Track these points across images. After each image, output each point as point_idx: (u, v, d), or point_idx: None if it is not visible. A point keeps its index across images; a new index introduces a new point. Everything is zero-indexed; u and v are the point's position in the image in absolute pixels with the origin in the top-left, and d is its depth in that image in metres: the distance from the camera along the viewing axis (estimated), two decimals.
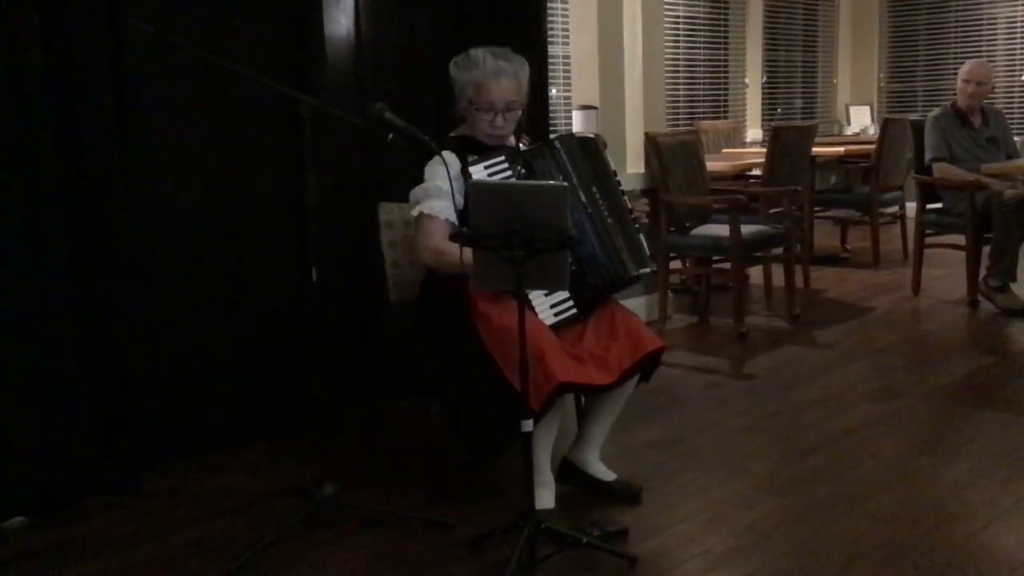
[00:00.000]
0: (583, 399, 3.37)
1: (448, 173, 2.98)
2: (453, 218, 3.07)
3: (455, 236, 2.72)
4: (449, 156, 3.07)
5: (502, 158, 3.08)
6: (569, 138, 3.24)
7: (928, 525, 2.94)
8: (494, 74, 3.10)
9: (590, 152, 3.22)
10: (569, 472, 3.24)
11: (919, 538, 2.86)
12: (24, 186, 3.10)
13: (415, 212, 3.12)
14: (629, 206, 3.24)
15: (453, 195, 3.00)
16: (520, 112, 3.19)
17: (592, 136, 3.39)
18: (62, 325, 3.20)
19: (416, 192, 3.14)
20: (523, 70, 3.18)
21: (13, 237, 3.10)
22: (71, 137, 3.21)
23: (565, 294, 3.07)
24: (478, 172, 3.02)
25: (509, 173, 3.07)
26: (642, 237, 3.22)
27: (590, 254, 3.07)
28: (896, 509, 3.06)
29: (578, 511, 3.10)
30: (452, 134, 3.25)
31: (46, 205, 3.14)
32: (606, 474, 3.22)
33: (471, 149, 3.15)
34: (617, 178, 3.27)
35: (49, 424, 3.19)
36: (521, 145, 3.25)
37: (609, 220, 3.13)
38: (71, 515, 3.19)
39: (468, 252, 2.83)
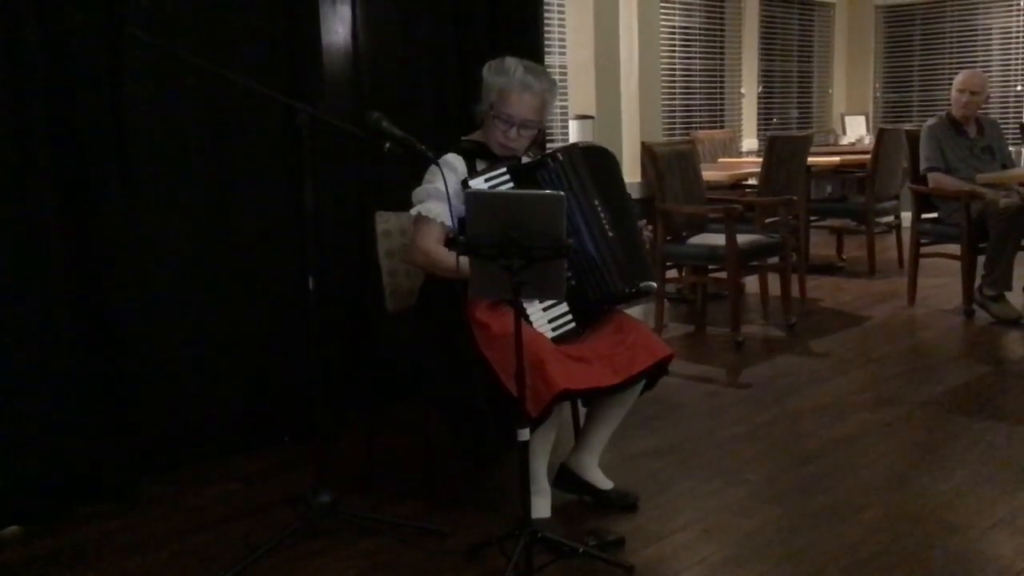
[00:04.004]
0: (581, 407, 3.37)
1: (452, 177, 2.99)
2: (449, 222, 3.07)
3: (452, 243, 2.72)
4: (456, 159, 3.07)
5: (503, 170, 3.08)
6: (572, 149, 3.20)
7: (925, 534, 2.94)
8: (520, 87, 3.09)
9: (594, 163, 3.18)
10: (567, 478, 3.24)
11: (916, 547, 2.86)
12: (23, 190, 3.10)
13: (412, 212, 3.13)
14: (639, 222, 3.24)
15: (452, 200, 3.01)
16: (536, 132, 3.19)
17: (600, 147, 3.36)
18: (59, 334, 3.20)
19: (418, 192, 3.15)
20: (550, 91, 3.17)
21: (12, 243, 3.10)
22: (70, 143, 3.21)
23: (564, 308, 3.07)
24: (478, 185, 3.02)
25: (511, 185, 3.06)
26: (646, 252, 3.22)
27: (588, 267, 3.05)
28: (893, 517, 3.07)
29: (575, 520, 3.10)
30: (465, 137, 3.25)
31: (45, 210, 3.14)
32: (604, 482, 3.22)
33: (481, 155, 3.16)
34: (626, 190, 3.26)
35: (45, 432, 3.18)
36: (525, 157, 3.25)
37: (611, 233, 3.09)
38: (67, 523, 3.19)
39: (458, 259, 2.85)
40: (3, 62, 3.04)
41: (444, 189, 3.03)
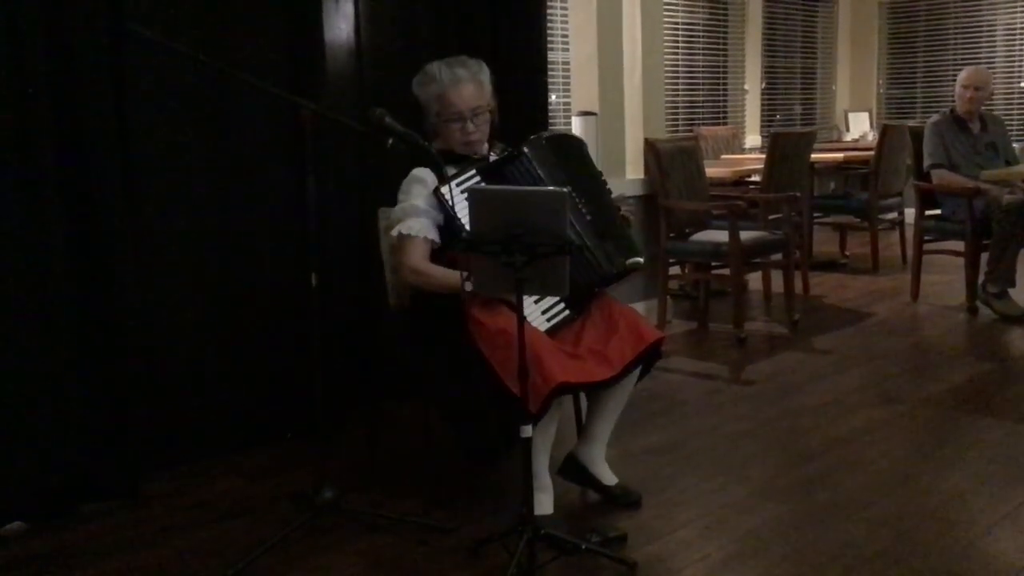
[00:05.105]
0: (584, 400, 3.37)
1: (424, 190, 3.01)
2: (432, 235, 3.08)
3: (447, 247, 2.72)
4: (424, 172, 3.09)
5: (472, 172, 3.08)
6: (537, 140, 3.19)
7: (928, 531, 2.94)
8: (453, 83, 3.13)
9: (563, 151, 3.19)
10: (572, 468, 3.24)
11: (919, 544, 2.86)
12: (25, 190, 3.10)
13: (394, 233, 3.13)
14: (618, 205, 3.25)
15: (430, 212, 3.03)
16: (489, 115, 3.21)
17: (567, 133, 3.37)
18: (61, 330, 3.20)
19: (395, 212, 3.16)
20: (482, 73, 3.21)
21: (13, 241, 3.10)
22: (72, 141, 3.21)
23: (555, 297, 3.08)
24: (451, 191, 3.00)
25: (483, 187, 3.06)
26: (630, 230, 3.22)
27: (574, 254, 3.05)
28: (895, 515, 3.06)
29: (577, 516, 3.10)
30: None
31: (46, 209, 3.14)
32: (608, 477, 3.22)
33: (448, 161, 3.16)
34: (599, 173, 3.27)
35: (48, 429, 3.18)
36: (492, 154, 3.25)
37: (588, 217, 3.11)
38: (70, 520, 3.19)
39: (447, 273, 2.91)
40: (4, 61, 3.04)
41: (419, 203, 3.05)
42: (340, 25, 4.01)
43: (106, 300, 3.33)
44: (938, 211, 6.05)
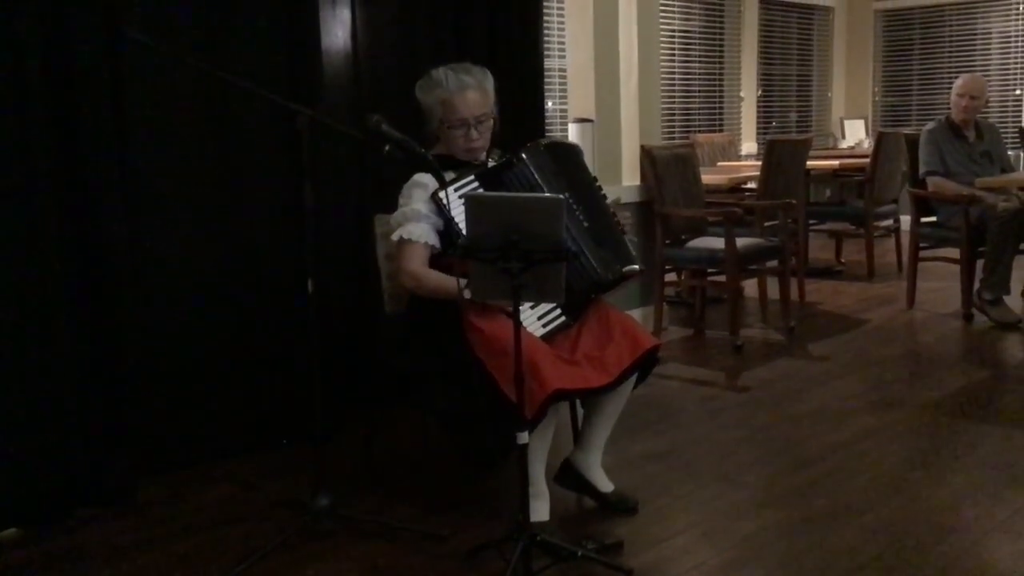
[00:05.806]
0: (580, 408, 3.38)
1: (424, 194, 3.02)
2: (432, 241, 3.08)
3: (445, 253, 2.72)
4: (425, 178, 3.09)
5: (471, 177, 3.08)
6: (535, 147, 3.19)
7: (924, 538, 2.95)
8: (459, 89, 3.12)
9: (560, 159, 3.20)
10: (569, 475, 3.24)
11: (914, 551, 2.86)
12: (23, 194, 3.10)
13: (395, 237, 3.14)
14: (613, 211, 3.26)
15: (430, 217, 3.03)
16: (492, 122, 3.21)
17: (565, 141, 3.37)
18: (58, 335, 3.20)
19: (395, 216, 3.16)
20: (487, 80, 3.21)
21: (11, 245, 3.10)
22: (70, 146, 3.21)
23: (551, 304, 3.08)
24: (448, 196, 3.00)
25: (480, 193, 3.07)
26: (626, 238, 3.23)
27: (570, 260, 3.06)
28: (891, 521, 3.07)
29: (573, 523, 3.10)
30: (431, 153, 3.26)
31: (44, 213, 3.14)
32: (605, 484, 3.22)
33: (448, 167, 3.16)
34: (596, 181, 3.28)
35: (44, 434, 3.18)
36: (490, 161, 3.26)
37: (585, 224, 3.12)
38: (66, 526, 3.19)
39: (445, 279, 2.91)
40: (3, 63, 3.05)
41: (420, 208, 3.05)
42: (337, 32, 4.02)
43: (104, 305, 3.33)
44: (933, 218, 6.07)
